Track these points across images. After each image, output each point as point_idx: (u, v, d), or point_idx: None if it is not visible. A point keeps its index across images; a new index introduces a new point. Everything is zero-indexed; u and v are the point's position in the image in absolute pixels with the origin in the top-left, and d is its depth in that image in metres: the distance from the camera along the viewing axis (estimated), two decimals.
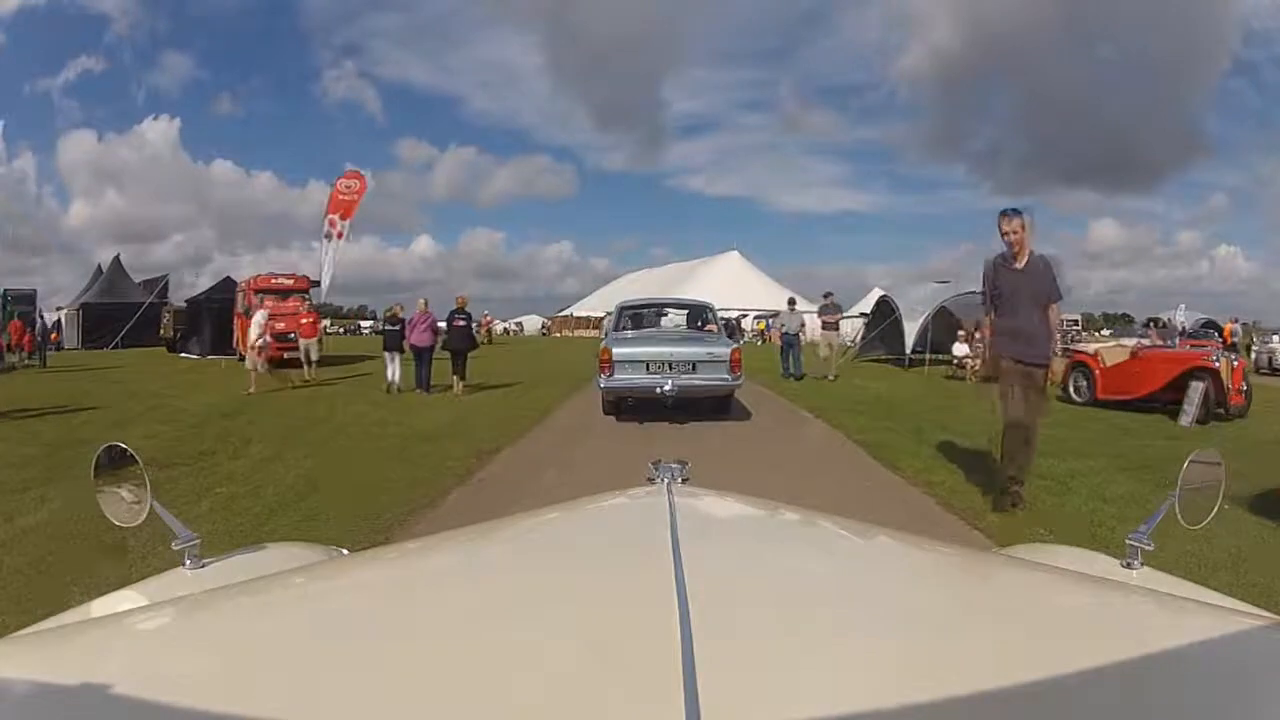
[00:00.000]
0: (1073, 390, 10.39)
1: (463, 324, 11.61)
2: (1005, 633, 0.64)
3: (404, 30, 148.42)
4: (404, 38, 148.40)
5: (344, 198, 21.77)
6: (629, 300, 11.19)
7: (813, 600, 0.68)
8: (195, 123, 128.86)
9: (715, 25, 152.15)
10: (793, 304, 15.36)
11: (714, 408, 8.62)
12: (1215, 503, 1.15)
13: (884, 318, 18.33)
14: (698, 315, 10.16)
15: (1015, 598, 0.78)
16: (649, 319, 10.30)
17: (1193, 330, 21.71)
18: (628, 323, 9.81)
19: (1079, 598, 0.80)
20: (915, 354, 16.65)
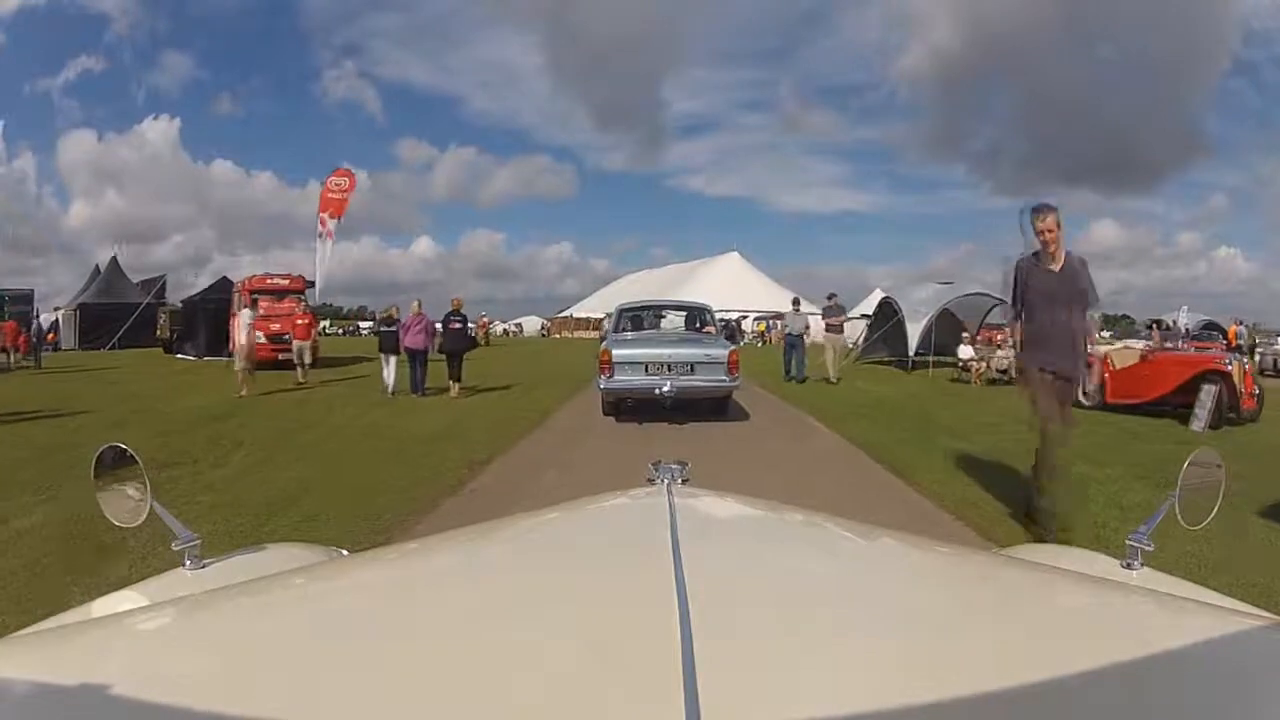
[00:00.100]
0: (1081, 395, 10.26)
1: (458, 326, 11.55)
2: (1005, 633, 0.64)
3: (404, 30, 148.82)
4: (404, 38, 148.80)
5: (334, 196, 21.74)
6: (628, 302, 11.31)
7: (813, 600, 0.68)
8: (195, 123, 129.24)
9: (715, 25, 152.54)
10: (797, 304, 15.11)
11: (712, 409, 8.67)
12: (1215, 503, 1.16)
13: (887, 319, 18.04)
14: (696, 317, 10.26)
15: (1015, 598, 0.78)
16: (648, 321, 10.41)
17: (1195, 332, 21.56)
18: (627, 324, 9.90)
19: (1079, 598, 0.80)
20: (918, 356, 16.38)
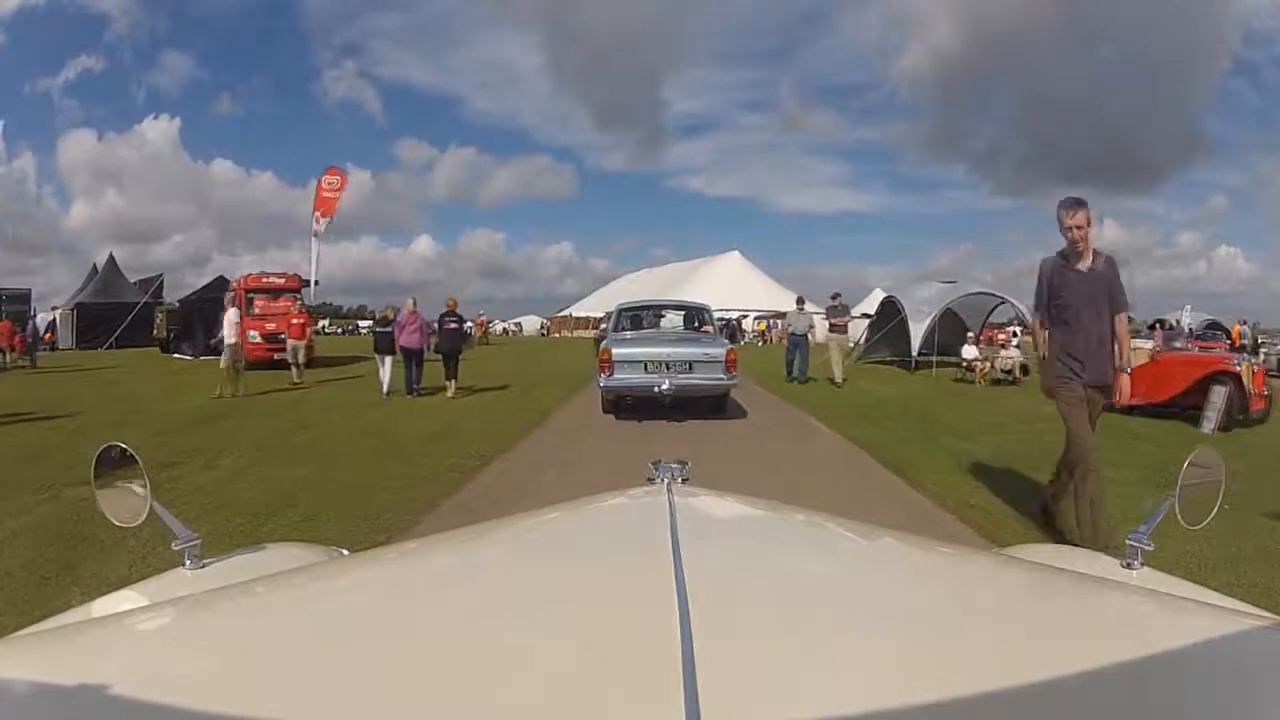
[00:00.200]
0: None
1: (454, 326, 11.46)
2: (1005, 633, 0.64)
3: (404, 30, 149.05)
4: (404, 38, 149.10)
5: (328, 195, 21.78)
6: (627, 302, 11.41)
7: (813, 600, 0.68)
8: (195, 123, 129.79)
9: (715, 25, 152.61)
10: (801, 303, 14.73)
11: (710, 407, 8.80)
12: (1215, 503, 1.16)
13: (889, 319, 17.74)
14: (694, 317, 10.41)
15: (1015, 598, 0.78)
16: (647, 320, 10.55)
17: (1199, 332, 21.30)
18: (626, 324, 10.05)
19: (1079, 598, 0.80)
20: (921, 356, 16.06)
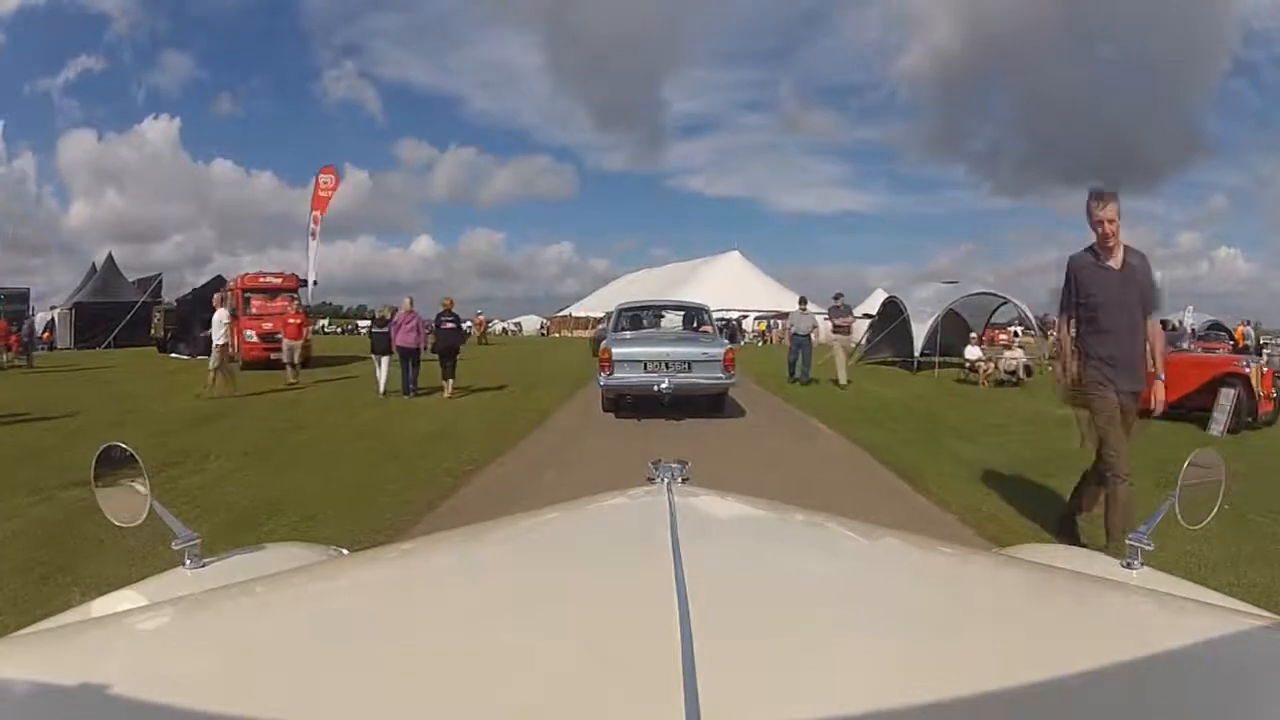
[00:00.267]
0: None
1: (450, 326, 11.37)
2: (1005, 633, 0.64)
3: (404, 30, 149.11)
4: (404, 38, 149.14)
5: (323, 194, 21.82)
6: (627, 302, 11.52)
7: (813, 600, 0.68)
8: (195, 123, 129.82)
9: (715, 25, 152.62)
10: (803, 303, 14.44)
11: (709, 405, 8.97)
12: (1215, 503, 1.16)
13: (891, 319, 17.57)
14: (693, 317, 10.57)
15: (1015, 598, 0.78)
16: (647, 320, 10.68)
17: (1201, 333, 21.14)
18: (626, 324, 10.18)
19: (1079, 598, 0.80)
20: (924, 356, 15.91)
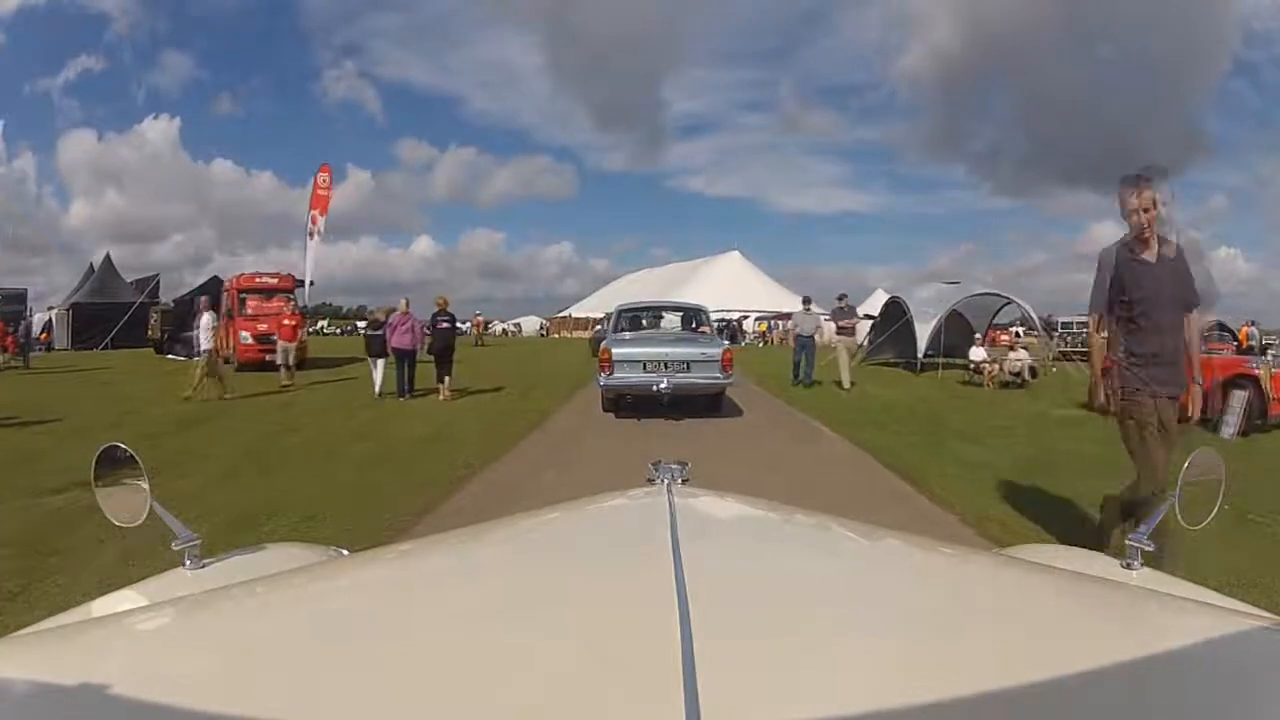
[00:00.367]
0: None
1: (446, 325, 11.23)
2: (1005, 633, 0.64)
3: (404, 30, 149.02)
4: (404, 38, 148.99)
5: (321, 193, 21.82)
6: (626, 303, 11.60)
7: (813, 600, 0.68)
8: (195, 123, 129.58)
9: (715, 25, 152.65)
10: (808, 303, 13.93)
11: (707, 405, 9.12)
12: (1215, 503, 1.16)
13: (894, 320, 17.33)
14: (692, 318, 10.70)
15: (1015, 598, 0.78)
16: (646, 321, 10.77)
17: (1205, 333, 21.24)
18: (625, 325, 10.30)
19: (1079, 598, 0.80)
20: (926, 357, 15.75)
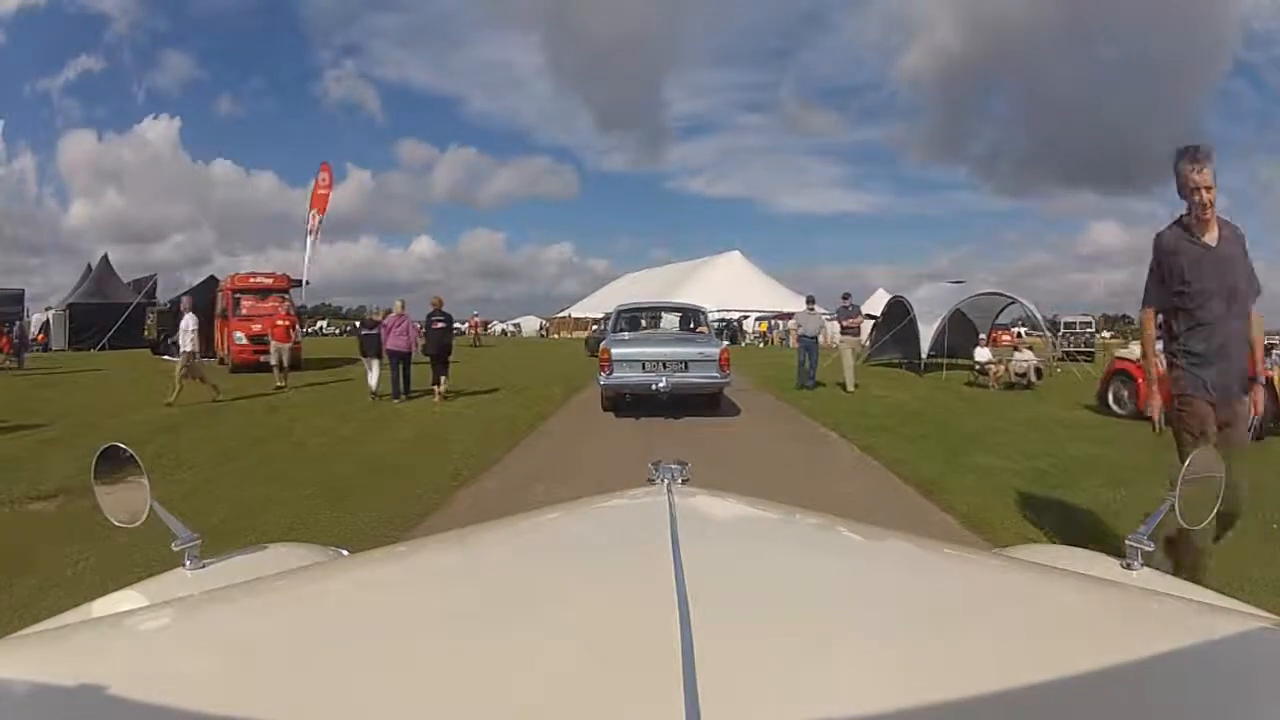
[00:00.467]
0: (1113, 401, 9.56)
1: (441, 325, 11.07)
2: (1005, 633, 0.64)
3: (404, 31, 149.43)
4: (404, 38, 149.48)
5: (321, 192, 21.84)
6: (625, 304, 11.72)
7: (813, 600, 0.68)
8: (195, 123, 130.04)
9: (715, 26, 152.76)
10: (811, 303, 13.71)
11: (705, 403, 9.26)
12: (1215, 503, 1.16)
13: (897, 320, 17.12)
14: (690, 318, 10.84)
15: (1015, 598, 0.78)
16: (645, 321, 10.93)
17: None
18: (624, 325, 10.43)
19: (1079, 598, 0.80)
20: (930, 358, 15.57)
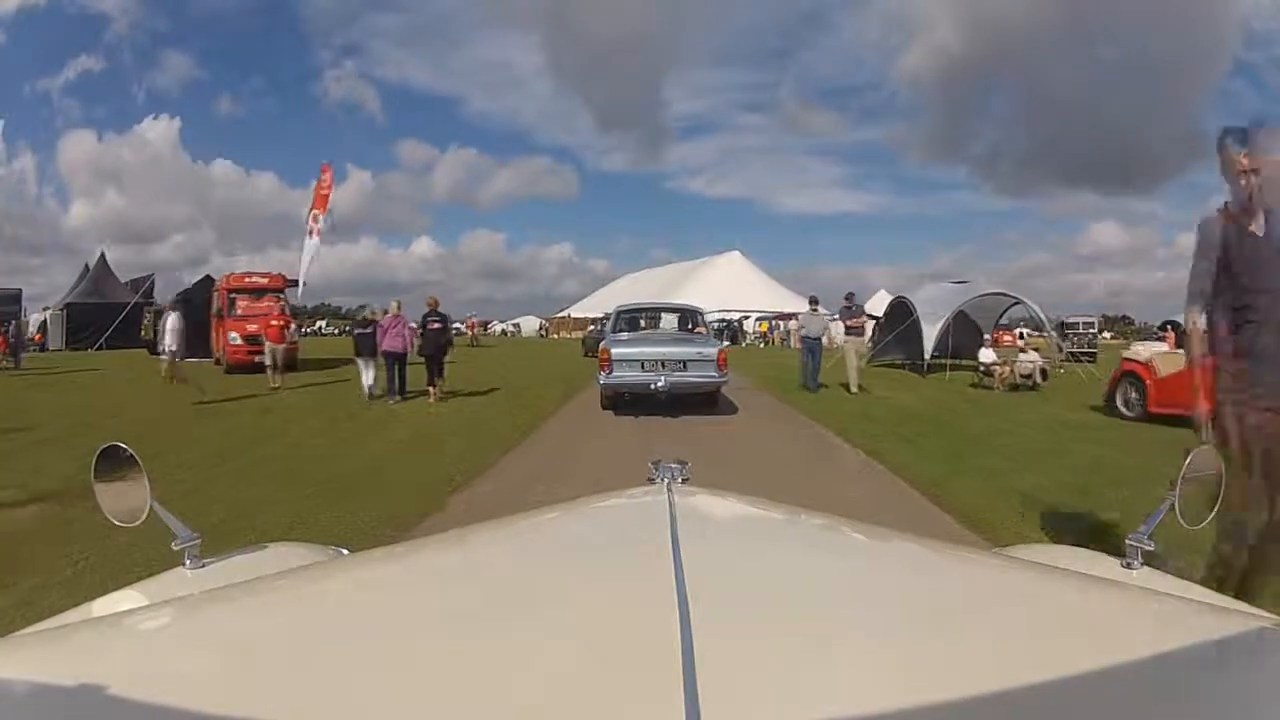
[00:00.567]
0: (1121, 403, 9.39)
1: (437, 326, 11.01)
2: (1005, 633, 0.64)
3: (404, 31, 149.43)
4: (404, 38, 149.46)
5: (323, 192, 21.82)
6: (625, 304, 11.84)
7: (813, 600, 0.68)
8: (195, 123, 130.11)
9: (716, 26, 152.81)
10: (815, 303, 13.47)
11: (703, 402, 9.43)
12: (1215, 502, 1.16)
13: (900, 320, 17.02)
14: (688, 318, 10.99)
15: (1015, 598, 0.78)
16: (644, 321, 11.05)
17: None
18: (624, 325, 10.56)
19: (1079, 598, 0.80)
20: (933, 359, 15.41)
